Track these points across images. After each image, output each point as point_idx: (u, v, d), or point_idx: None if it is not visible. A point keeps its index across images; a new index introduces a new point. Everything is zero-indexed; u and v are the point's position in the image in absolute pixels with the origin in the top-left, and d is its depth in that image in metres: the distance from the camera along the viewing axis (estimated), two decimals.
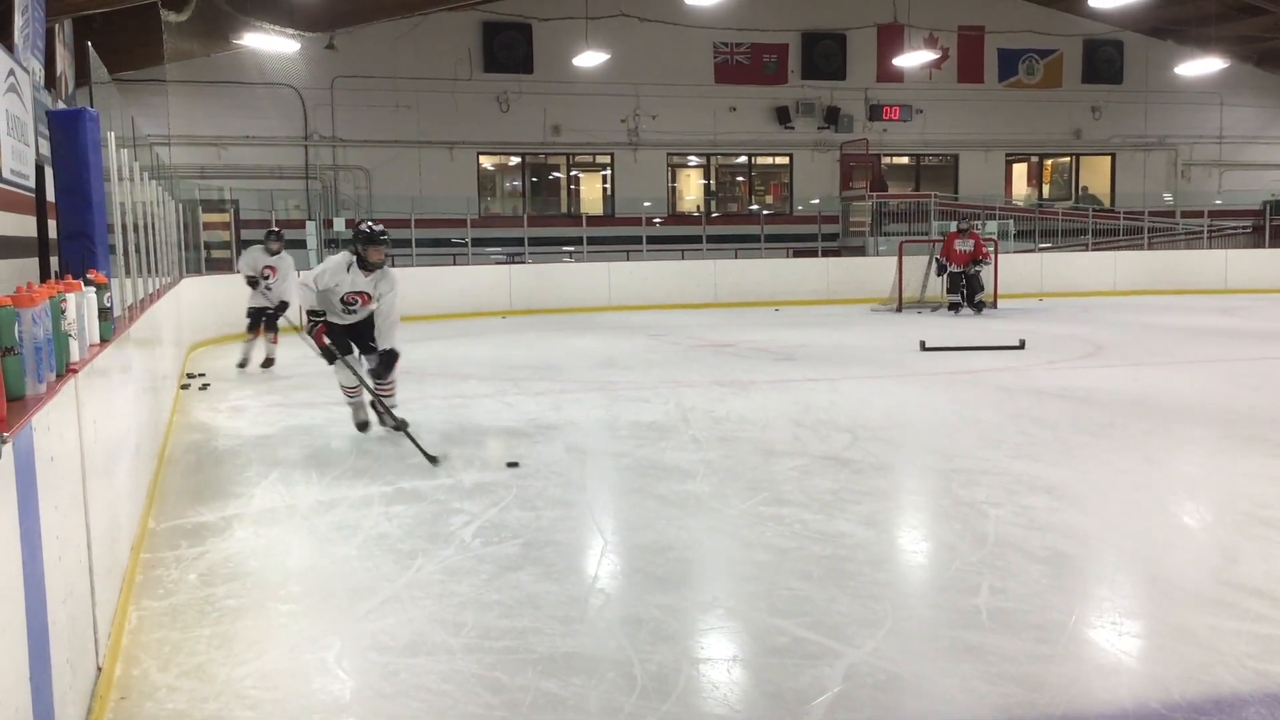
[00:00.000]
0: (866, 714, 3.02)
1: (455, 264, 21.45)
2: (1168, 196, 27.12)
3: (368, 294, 7.27)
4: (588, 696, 3.15)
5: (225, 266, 18.00)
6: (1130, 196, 26.92)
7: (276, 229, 11.73)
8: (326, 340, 7.17)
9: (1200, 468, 6.33)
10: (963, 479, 5.91)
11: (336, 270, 7.22)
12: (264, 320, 11.30)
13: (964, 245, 17.68)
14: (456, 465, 6.38)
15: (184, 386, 10.08)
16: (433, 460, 6.37)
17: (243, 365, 11.29)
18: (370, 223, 7.30)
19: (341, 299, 7.26)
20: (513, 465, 6.35)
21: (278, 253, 11.29)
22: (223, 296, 14.10)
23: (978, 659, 3.36)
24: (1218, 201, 26.91)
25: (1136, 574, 4.32)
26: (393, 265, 7.52)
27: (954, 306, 17.58)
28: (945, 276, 17.95)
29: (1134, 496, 5.53)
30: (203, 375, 10.71)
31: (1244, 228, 26.25)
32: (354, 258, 7.18)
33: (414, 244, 20.37)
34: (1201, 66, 24.64)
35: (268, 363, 11.39)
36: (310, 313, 7.27)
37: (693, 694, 3.17)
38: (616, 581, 4.30)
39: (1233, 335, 13.59)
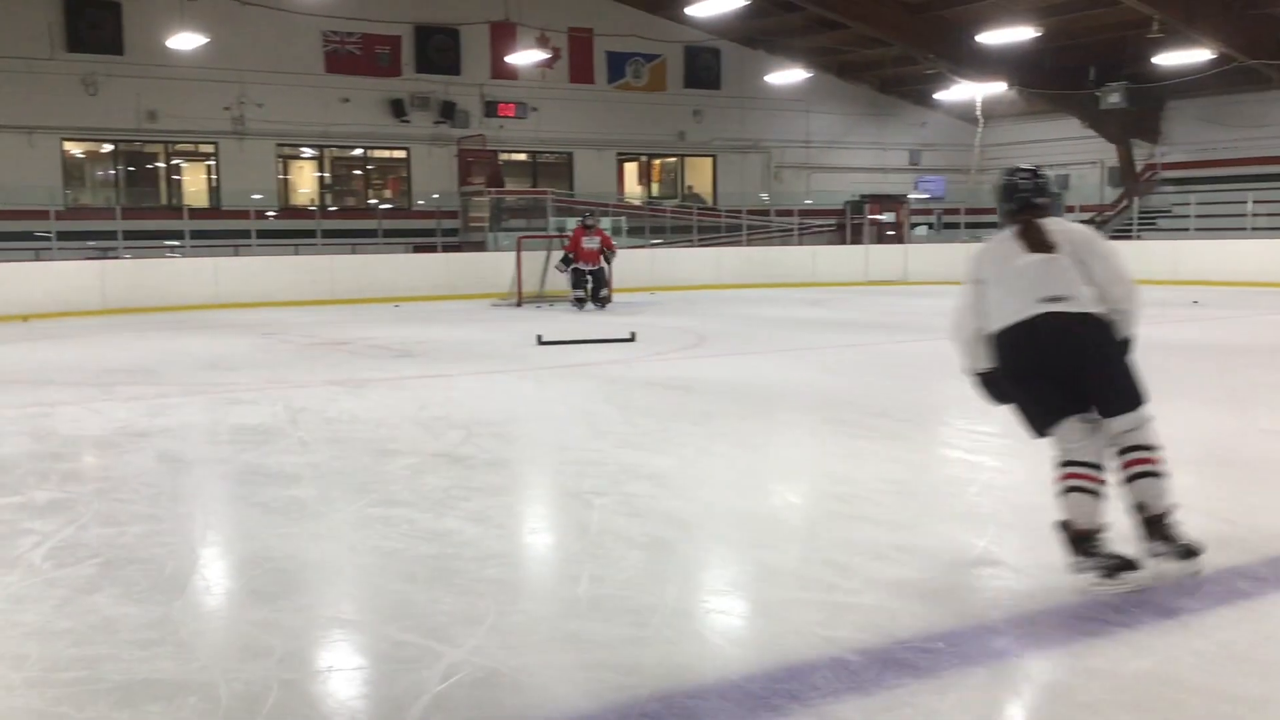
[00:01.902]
0: (464, 714, 2.99)
1: (38, 259, 19.59)
2: (764, 196, 29.15)
3: None
4: None
5: None
6: (731, 196, 28.73)
7: None
8: None
9: (787, 449, 6.81)
10: (571, 471, 6.05)
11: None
12: None
13: (591, 242, 17.99)
14: (29, 481, 5.80)
15: None
16: None
17: None
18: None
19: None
20: None
21: None
22: None
23: (576, 648, 3.42)
24: (807, 201, 29.23)
25: (727, 555, 4.57)
26: None
27: (579, 301, 17.89)
28: (571, 272, 18.10)
29: (729, 480, 5.85)
30: None
31: (829, 226, 28.67)
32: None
33: None
34: (789, 76, 26.69)
35: None
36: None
37: (282, 710, 3.02)
38: (207, 598, 4.05)
39: (820, 325, 14.79)
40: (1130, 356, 4.02)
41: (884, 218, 29.15)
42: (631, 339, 12.34)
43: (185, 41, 20.79)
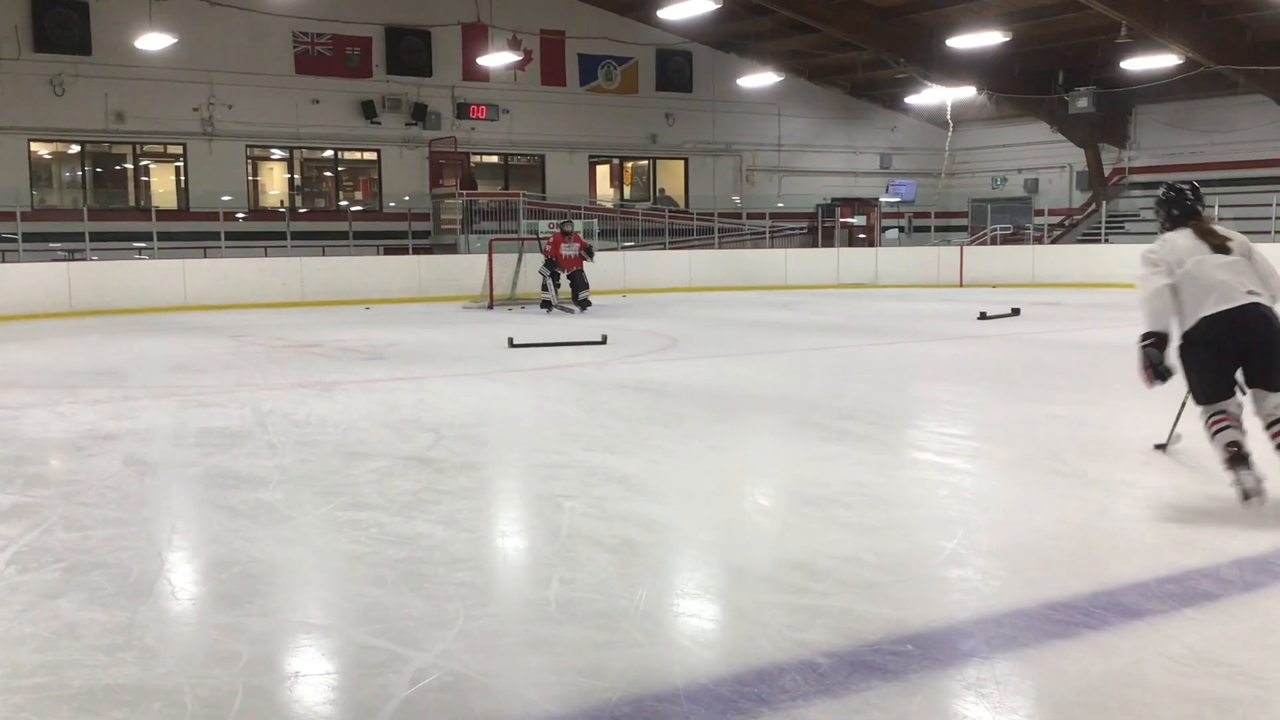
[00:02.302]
0: (432, 718, 2.97)
1: (3, 260, 19.40)
2: (735, 199, 29.20)
3: None
4: None
5: None
6: (702, 199, 28.78)
7: None
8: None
9: (759, 452, 6.81)
10: (542, 473, 6.03)
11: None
12: None
13: (570, 249, 17.95)
14: None
15: None
16: None
17: None
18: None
19: None
20: None
21: None
22: None
23: (545, 651, 3.41)
24: (779, 204, 29.31)
25: (697, 557, 4.57)
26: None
27: (546, 305, 17.85)
28: (549, 275, 18.02)
29: (699, 482, 5.85)
30: None
31: (800, 229, 28.76)
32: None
33: None
34: (760, 79, 26.75)
35: None
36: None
37: (248, 716, 2.99)
38: (172, 603, 4.00)
39: (791, 328, 14.82)
40: None
41: (855, 221, 29.27)
42: (603, 342, 12.32)
43: (154, 42, 20.62)
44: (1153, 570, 4.10)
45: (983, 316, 15.15)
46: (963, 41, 22.82)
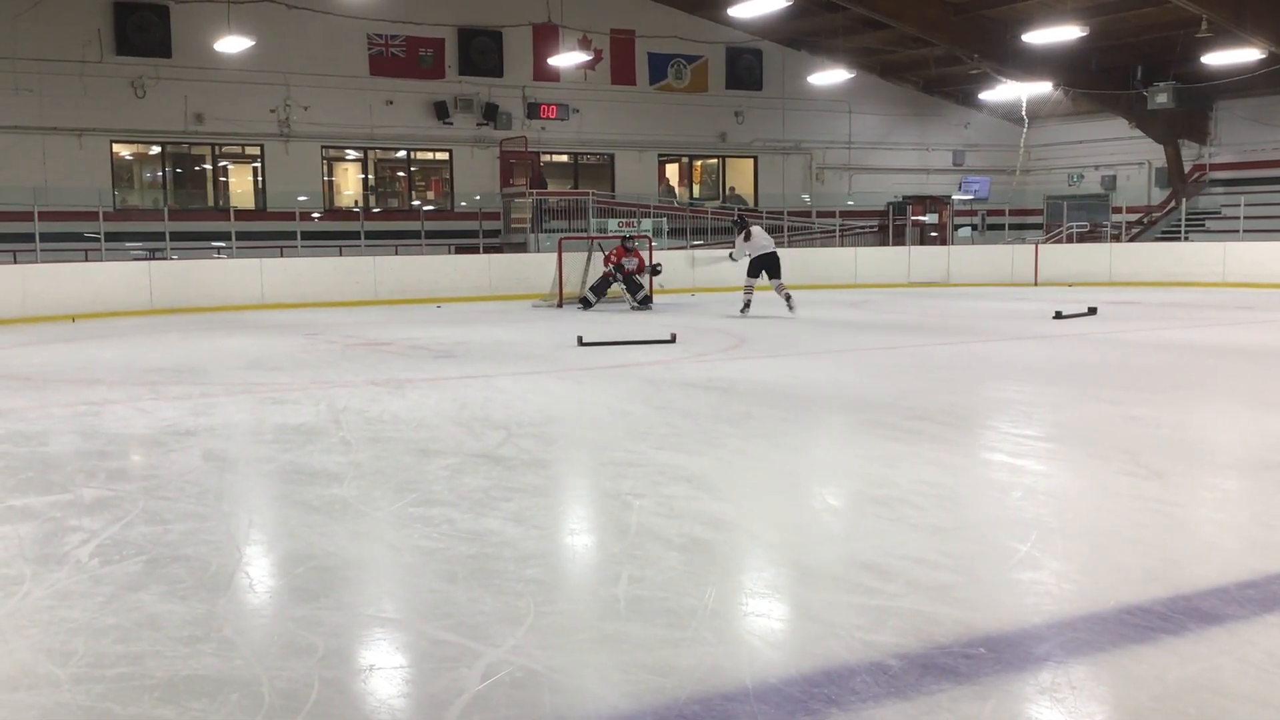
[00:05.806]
0: (502, 713, 3.00)
1: (87, 259, 19.88)
2: (805, 197, 29.03)
3: None
4: None
5: None
6: (772, 197, 28.66)
7: None
8: None
9: (826, 452, 6.78)
10: (610, 471, 6.05)
11: None
12: None
13: (630, 263, 18.18)
14: (77, 479, 5.89)
15: None
16: None
17: None
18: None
19: None
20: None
21: None
22: None
23: (613, 648, 3.43)
24: (849, 203, 29.07)
25: (766, 556, 4.56)
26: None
27: (584, 302, 18.18)
28: (617, 279, 18.37)
29: (768, 482, 5.84)
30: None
31: (871, 227, 28.51)
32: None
33: (38, 238, 18.68)
34: (831, 76, 26.54)
35: None
36: None
37: (324, 707, 3.05)
38: (249, 596, 4.09)
39: (860, 327, 14.71)
40: None
41: (926, 219, 28.95)
42: (672, 340, 12.34)
43: (232, 45, 21.02)
44: (1232, 575, 4.01)
45: (1058, 316, 14.91)
46: (1038, 36, 22.44)
